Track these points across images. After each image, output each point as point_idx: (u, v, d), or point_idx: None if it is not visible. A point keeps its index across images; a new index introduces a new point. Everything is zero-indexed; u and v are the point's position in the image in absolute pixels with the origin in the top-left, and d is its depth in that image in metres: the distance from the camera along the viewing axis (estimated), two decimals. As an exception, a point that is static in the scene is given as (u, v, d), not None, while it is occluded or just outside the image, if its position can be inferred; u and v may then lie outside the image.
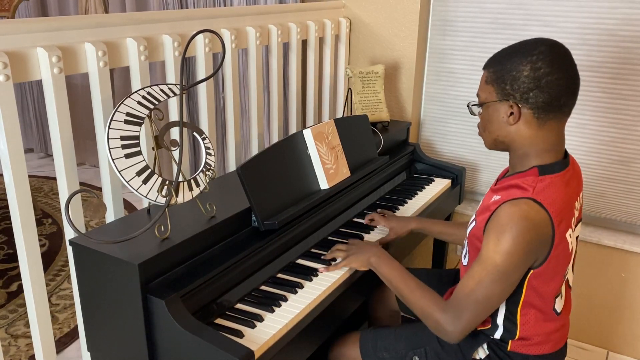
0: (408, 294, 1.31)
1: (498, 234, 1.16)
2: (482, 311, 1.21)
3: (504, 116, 1.23)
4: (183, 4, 2.87)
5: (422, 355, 1.39)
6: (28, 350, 2.14)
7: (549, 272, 1.23)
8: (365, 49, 2.32)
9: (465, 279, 1.22)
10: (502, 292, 1.20)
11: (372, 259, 1.41)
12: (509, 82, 1.20)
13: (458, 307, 1.21)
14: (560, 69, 1.17)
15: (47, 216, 3.33)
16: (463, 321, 1.20)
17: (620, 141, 2.00)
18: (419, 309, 1.28)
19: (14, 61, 1.17)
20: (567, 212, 1.23)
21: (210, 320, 1.23)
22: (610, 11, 1.89)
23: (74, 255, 1.24)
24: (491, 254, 1.17)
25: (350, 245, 1.48)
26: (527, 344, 1.30)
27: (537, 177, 1.21)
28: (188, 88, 1.31)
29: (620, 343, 2.16)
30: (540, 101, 1.18)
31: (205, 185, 1.33)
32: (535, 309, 1.27)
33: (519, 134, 1.23)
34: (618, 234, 2.09)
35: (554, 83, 1.17)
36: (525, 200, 1.17)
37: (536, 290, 1.25)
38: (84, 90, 3.89)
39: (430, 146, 2.40)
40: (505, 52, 1.24)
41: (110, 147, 1.16)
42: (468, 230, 1.35)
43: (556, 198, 1.19)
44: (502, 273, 1.17)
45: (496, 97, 1.23)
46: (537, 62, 1.17)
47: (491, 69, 1.24)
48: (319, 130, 1.62)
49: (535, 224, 1.16)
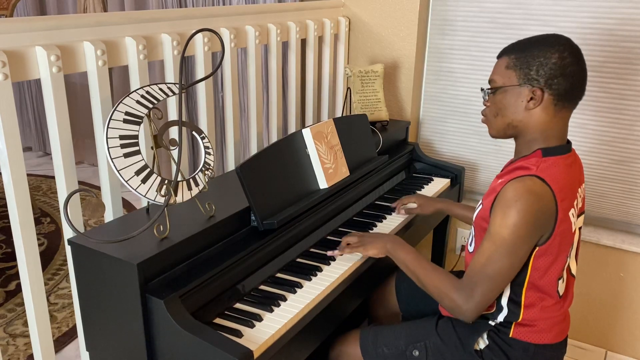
0: (424, 276, 1.35)
1: (504, 209, 1.22)
2: (494, 286, 1.25)
3: (523, 100, 1.28)
4: (182, 3, 2.86)
5: (422, 349, 1.40)
6: (26, 350, 2.14)
7: (553, 250, 1.26)
8: (365, 48, 2.32)
9: (476, 256, 1.26)
10: (512, 266, 1.24)
11: (388, 245, 1.44)
12: (534, 67, 1.25)
13: (470, 284, 1.26)
14: (580, 61, 1.26)
15: (45, 215, 3.32)
16: (476, 298, 1.25)
17: (620, 141, 2.00)
18: (435, 290, 1.32)
19: (13, 60, 1.16)
20: (569, 192, 1.28)
21: (209, 320, 1.22)
22: (610, 11, 1.89)
23: (73, 255, 1.24)
24: (499, 229, 1.22)
25: (363, 235, 1.51)
26: (529, 330, 1.32)
27: (541, 158, 1.27)
28: (187, 87, 1.30)
29: (618, 342, 2.16)
30: (562, 89, 1.25)
31: (204, 184, 1.33)
32: (540, 291, 1.30)
33: (534, 119, 1.29)
34: (617, 233, 2.09)
35: (577, 73, 1.25)
36: (529, 176, 1.23)
37: (540, 271, 1.28)
38: (82, 89, 3.88)
39: (430, 146, 2.40)
40: (528, 41, 1.29)
41: (109, 146, 1.16)
42: (475, 215, 1.39)
43: (558, 176, 1.25)
44: (511, 246, 1.21)
45: (517, 81, 1.28)
46: (564, 52, 1.24)
47: (513, 55, 1.29)
48: (318, 130, 1.62)
49: (539, 197, 1.21)
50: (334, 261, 1.49)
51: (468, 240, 1.44)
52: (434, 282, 1.32)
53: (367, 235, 1.50)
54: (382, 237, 1.47)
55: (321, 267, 1.46)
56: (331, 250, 1.50)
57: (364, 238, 1.49)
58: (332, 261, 1.49)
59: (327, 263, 1.48)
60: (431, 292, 1.34)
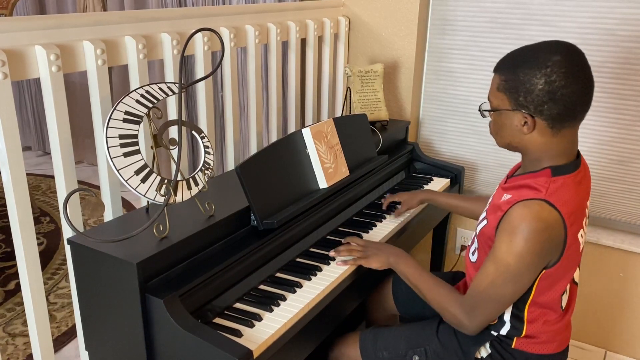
0: (426, 290, 1.35)
1: (510, 236, 1.17)
2: (495, 309, 1.25)
3: (517, 124, 1.22)
4: (182, 3, 2.86)
5: (422, 354, 1.39)
6: (26, 349, 2.13)
7: (559, 272, 1.25)
8: (365, 48, 2.32)
9: (480, 277, 1.25)
10: (515, 292, 1.23)
11: (391, 259, 1.44)
12: (522, 93, 1.18)
13: (472, 304, 1.26)
14: (575, 81, 1.15)
15: (44, 214, 3.32)
16: (477, 317, 1.25)
17: (619, 141, 2.00)
18: (437, 304, 1.32)
19: (12, 59, 1.16)
20: (579, 212, 1.23)
21: (208, 319, 1.22)
22: (610, 11, 1.89)
23: (72, 254, 1.24)
24: (504, 255, 1.19)
25: (366, 246, 1.49)
26: (532, 342, 1.31)
27: (550, 178, 1.21)
28: (187, 87, 1.30)
29: (618, 343, 2.16)
30: (554, 113, 1.17)
31: (204, 184, 1.33)
32: (543, 307, 1.29)
33: (533, 142, 1.23)
34: (617, 233, 2.09)
35: (569, 95, 1.15)
36: (537, 201, 1.17)
37: (545, 289, 1.26)
38: (82, 88, 3.88)
39: (429, 145, 2.40)
40: (518, 59, 1.20)
41: (108, 146, 1.16)
42: (478, 229, 1.35)
43: (569, 199, 1.19)
44: (515, 274, 1.19)
45: (509, 105, 1.21)
46: (552, 75, 1.14)
47: (503, 77, 1.21)
48: (318, 129, 1.62)
49: (547, 225, 1.16)
50: (334, 261, 1.49)
51: (470, 249, 1.41)
52: (436, 297, 1.32)
53: (371, 247, 1.48)
54: (385, 250, 1.46)
55: (321, 266, 1.46)
56: (334, 251, 1.49)
57: (367, 249, 1.47)
58: (332, 261, 1.49)
59: (327, 263, 1.48)
60: (433, 306, 1.34)
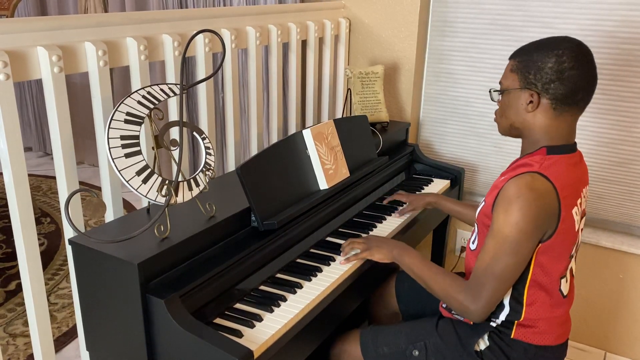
0: (430, 280, 1.36)
1: (506, 206, 1.22)
2: (501, 285, 1.26)
3: (523, 103, 1.30)
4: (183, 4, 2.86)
5: (422, 349, 1.40)
6: (26, 349, 2.14)
7: (556, 248, 1.27)
8: (365, 50, 2.32)
9: (481, 255, 1.27)
10: (517, 264, 1.24)
11: (394, 251, 1.45)
12: (533, 71, 1.27)
13: (477, 285, 1.26)
14: (582, 66, 1.24)
15: (45, 215, 3.32)
16: (484, 297, 1.26)
17: (619, 143, 2.00)
18: (442, 292, 1.33)
19: (14, 60, 1.17)
20: (572, 190, 1.28)
21: (209, 320, 1.23)
22: (610, 13, 1.89)
23: (73, 255, 1.24)
24: (502, 227, 1.23)
25: (368, 239, 1.51)
26: (530, 331, 1.32)
27: (545, 156, 1.28)
28: (188, 88, 1.31)
29: (617, 344, 2.16)
30: (559, 93, 1.25)
31: (205, 185, 1.34)
32: (542, 289, 1.30)
33: (535, 122, 1.30)
34: (616, 235, 2.09)
35: (575, 78, 1.24)
36: (530, 173, 1.24)
37: (543, 268, 1.28)
38: (83, 89, 3.88)
39: (430, 147, 2.40)
40: (533, 45, 1.31)
41: (110, 147, 1.16)
42: (477, 211, 1.40)
43: (561, 174, 1.25)
44: (514, 244, 1.22)
45: (519, 85, 1.30)
46: (562, 56, 1.24)
47: (517, 59, 1.31)
48: (318, 131, 1.62)
49: (540, 193, 1.21)
50: (334, 262, 1.49)
51: (470, 239, 1.44)
52: (441, 285, 1.33)
53: (374, 240, 1.50)
54: (389, 243, 1.48)
55: (321, 267, 1.46)
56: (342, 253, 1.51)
57: (370, 242, 1.49)
58: (332, 262, 1.49)
59: (327, 263, 1.48)
60: (438, 295, 1.35)
